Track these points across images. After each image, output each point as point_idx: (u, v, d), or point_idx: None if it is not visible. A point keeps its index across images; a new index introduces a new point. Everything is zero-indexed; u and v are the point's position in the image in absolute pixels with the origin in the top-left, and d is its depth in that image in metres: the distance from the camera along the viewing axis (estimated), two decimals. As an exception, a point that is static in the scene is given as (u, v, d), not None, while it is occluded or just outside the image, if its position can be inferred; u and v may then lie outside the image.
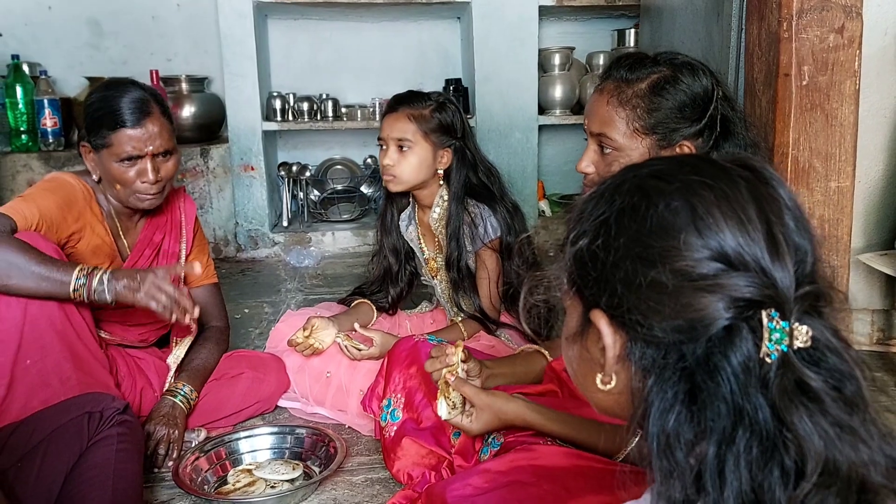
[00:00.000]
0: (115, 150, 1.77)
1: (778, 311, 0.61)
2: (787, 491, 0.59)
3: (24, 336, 1.58)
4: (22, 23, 3.90)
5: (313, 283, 3.41)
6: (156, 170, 1.80)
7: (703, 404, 0.62)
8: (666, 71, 1.35)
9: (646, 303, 0.65)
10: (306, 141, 4.33)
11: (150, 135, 1.77)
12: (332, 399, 2.01)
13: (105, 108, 1.77)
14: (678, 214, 0.65)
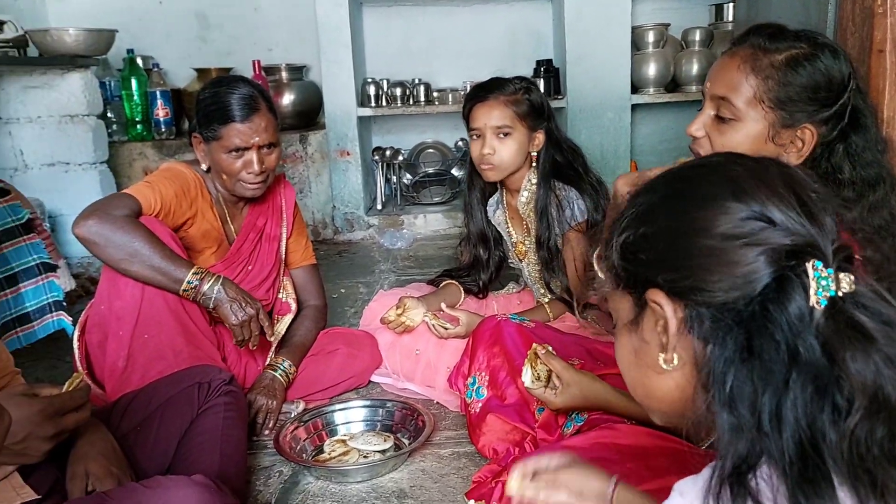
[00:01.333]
0: (224, 142, 1.90)
1: (821, 261, 0.66)
2: (838, 426, 0.63)
3: (142, 313, 1.74)
4: (136, 18, 4.15)
5: (405, 265, 3.51)
6: (261, 161, 1.92)
7: (759, 355, 0.66)
8: (806, 48, 1.27)
9: (699, 269, 0.70)
10: (399, 125, 4.43)
11: (256, 129, 1.89)
12: (421, 375, 2.09)
13: (216, 103, 1.90)
14: (718, 186, 0.72)
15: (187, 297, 1.78)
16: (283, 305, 2.14)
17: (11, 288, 2.05)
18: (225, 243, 2.04)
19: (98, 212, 1.71)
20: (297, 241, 2.21)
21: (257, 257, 2.09)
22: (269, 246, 2.11)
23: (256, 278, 2.07)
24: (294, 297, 2.17)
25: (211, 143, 1.92)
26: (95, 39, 3.23)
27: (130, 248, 1.70)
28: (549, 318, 2.11)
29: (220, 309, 1.79)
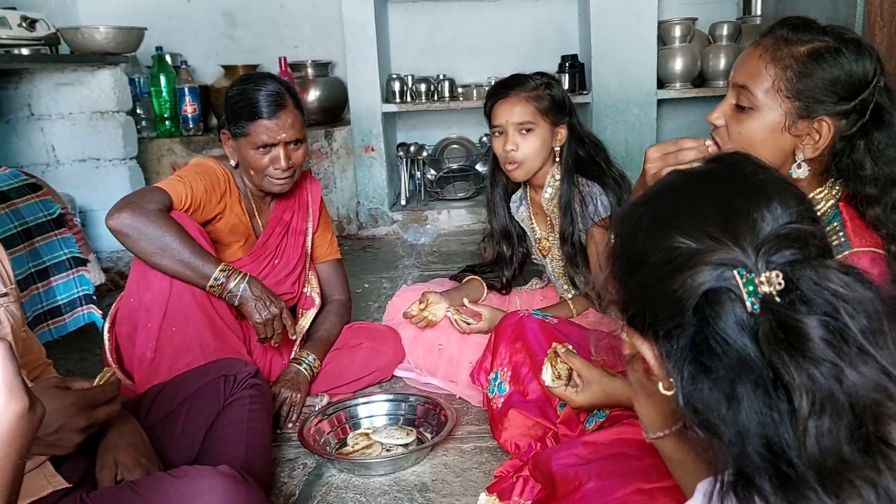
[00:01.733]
0: (252, 138, 1.92)
1: (744, 268, 0.69)
2: (792, 428, 0.64)
3: (170, 306, 1.78)
4: (165, 17, 4.21)
5: (429, 260, 3.53)
6: (287, 157, 1.94)
7: (711, 371, 0.68)
8: (831, 42, 1.26)
9: (643, 304, 0.75)
10: (424, 121, 4.44)
11: (283, 125, 1.92)
12: (444, 370, 2.11)
13: (244, 100, 1.93)
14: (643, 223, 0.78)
15: (213, 294, 1.81)
16: (308, 300, 2.16)
17: (43, 281, 2.09)
18: (252, 237, 2.07)
19: (132, 205, 1.75)
20: (323, 236, 2.23)
21: (283, 251, 2.11)
22: (294, 240, 2.14)
23: (282, 272, 2.10)
24: (318, 291, 2.19)
25: (239, 140, 1.95)
26: (125, 37, 3.27)
27: (161, 242, 1.73)
28: (572, 314, 2.11)
29: (244, 307, 1.81)
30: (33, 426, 0.68)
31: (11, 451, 0.66)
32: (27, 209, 2.09)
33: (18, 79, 3.19)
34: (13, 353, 0.67)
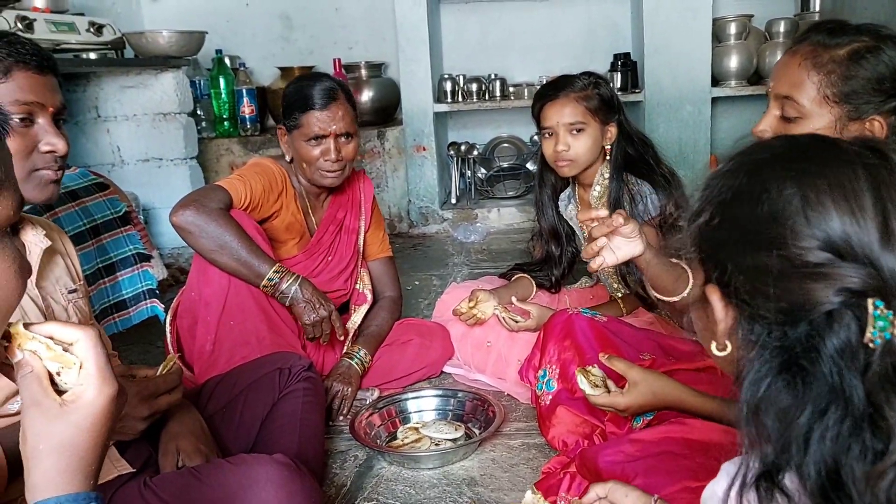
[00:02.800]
0: (304, 130, 1.99)
1: (883, 301, 0.62)
2: (864, 466, 0.61)
3: (228, 301, 1.85)
4: (224, 20, 4.32)
5: (479, 258, 3.56)
6: (338, 150, 2.00)
7: (799, 379, 0.65)
8: (868, 41, 1.26)
9: (753, 284, 0.68)
10: (475, 120, 4.47)
11: (334, 117, 1.98)
12: (493, 367, 2.13)
13: (299, 93, 2.01)
14: (790, 202, 0.67)
15: (266, 293, 1.87)
16: (360, 296, 2.21)
17: (109, 276, 2.19)
18: (307, 235, 2.13)
19: (195, 203, 1.82)
20: (375, 234, 2.28)
21: (336, 249, 2.17)
22: (347, 238, 2.19)
23: (335, 269, 2.15)
24: (370, 288, 2.24)
25: (293, 133, 2.02)
26: (187, 41, 3.38)
27: (221, 240, 1.80)
28: (621, 312, 2.11)
29: (295, 307, 1.88)
30: (120, 410, 0.71)
31: (103, 432, 0.69)
32: (95, 207, 2.19)
33: (86, 82, 3.33)
34: (103, 340, 0.71)
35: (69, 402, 0.67)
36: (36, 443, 0.66)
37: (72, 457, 0.66)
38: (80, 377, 0.68)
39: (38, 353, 0.68)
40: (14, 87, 1.17)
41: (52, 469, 0.65)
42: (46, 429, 0.66)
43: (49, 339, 0.69)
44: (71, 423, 0.67)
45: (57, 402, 0.67)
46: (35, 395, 0.67)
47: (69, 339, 0.69)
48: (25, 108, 1.18)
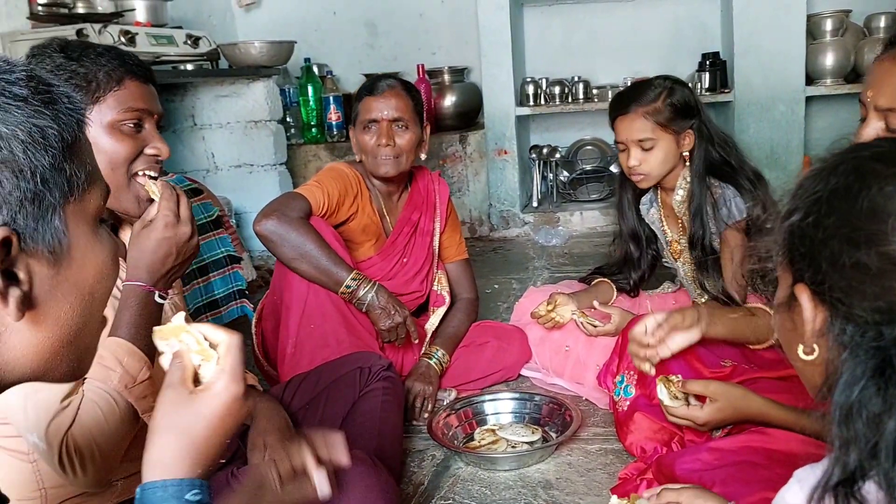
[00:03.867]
0: (360, 118, 2.07)
1: None
2: None
3: (308, 304, 1.92)
4: (313, 29, 4.46)
5: (559, 262, 3.54)
6: (390, 136, 2.04)
7: (892, 382, 0.63)
8: None
9: (849, 282, 0.67)
10: (557, 123, 4.45)
11: (387, 104, 2.04)
12: (571, 371, 2.12)
13: (361, 87, 2.12)
14: (891, 198, 0.66)
15: (344, 299, 1.93)
16: (438, 297, 2.25)
17: (203, 277, 2.30)
18: (383, 237, 2.18)
19: (276, 212, 1.90)
20: (451, 237, 2.31)
21: (411, 251, 2.21)
22: (422, 240, 2.23)
23: (411, 271, 2.20)
24: (448, 289, 2.27)
25: (356, 126, 2.09)
26: (277, 51, 3.51)
27: (302, 248, 1.87)
28: (703, 317, 2.06)
29: (370, 313, 1.94)
30: (242, 413, 0.76)
31: (221, 426, 0.74)
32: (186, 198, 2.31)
33: (184, 92, 3.51)
34: (242, 346, 0.78)
35: (198, 391, 0.74)
36: (160, 420, 0.72)
37: (186, 441, 0.71)
38: (214, 373, 0.75)
39: (189, 345, 0.76)
40: (127, 95, 1.25)
41: (167, 448, 0.71)
42: (172, 410, 0.73)
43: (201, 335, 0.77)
44: (193, 411, 0.72)
45: (188, 390, 0.74)
46: (174, 380, 0.74)
47: (216, 340, 0.77)
48: (136, 115, 1.26)
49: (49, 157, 0.59)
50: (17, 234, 0.57)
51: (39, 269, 0.60)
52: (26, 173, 0.57)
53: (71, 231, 0.62)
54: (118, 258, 0.70)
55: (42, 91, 0.60)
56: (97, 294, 0.66)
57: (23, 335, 0.61)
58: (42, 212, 0.59)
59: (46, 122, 0.59)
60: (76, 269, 0.63)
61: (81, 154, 0.63)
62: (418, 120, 2.10)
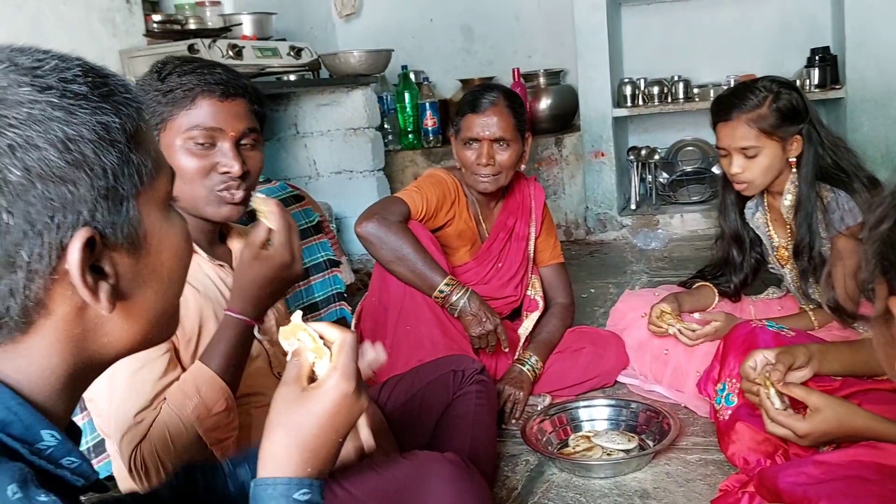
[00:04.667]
0: (462, 134, 2.08)
1: None
2: None
3: (404, 306, 1.97)
4: (409, 36, 4.53)
5: (659, 266, 3.45)
6: (490, 155, 2.04)
7: None
8: None
9: None
10: (656, 124, 4.35)
11: (489, 122, 2.04)
12: (670, 378, 2.07)
13: (464, 99, 2.12)
14: None
15: (437, 303, 1.96)
16: (532, 302, 2.25)
17: (304, 280, 2.39)
18: (478, 242, 2.20)
19: (377, 215, 1.95)
20: (546, 241, 2.30)
21: (507, 256, 2.21)
22: (517, 245, 2.23)
23: (506, 275, 2.20)
24: (542, 294, 2.26)
25: (457, 138, 2.11)
26: (375, 59, 3.59)
27: (399, 252, 1.92)
28: (812, 325, 1.97)
29: (462, 319, 1.96)
30: (354, 411, 0.77)
31: (331, 424, 0.75)
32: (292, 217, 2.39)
33: (287, 101, 3.64)
34: (357, 346, 0.79)
35: (310, 388, 0.75)
36: (273, 417, 0.74)
37: (297, 438, 0.73)
38: (327, 370, 0.77)
39: (305, 343, 0.78)
40: (199, 114, 1.27)
41: (278, 444, 0.73)
42: (285, 406, 0.74)
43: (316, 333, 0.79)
44: (304, 407, 0.74)
45: (301, 387, 0.75)
46: (289, 377, 0.76)
47: (330, 338, 0.79)
48: (207, 134, 1.28)
49: (116, 152, 0.60)
50: (98, 231, 0.60)
51: (122, 261, 0.63)
52: (97, 171, 0.59)
53: (144, 219, 0.64)
54: (190, 236, 0.72)
55: (99, 85, 0.61)
56: (175, 275, 0.69)
57: (116, 324, 0.64)
58: (116, 205, 0.61)
59: (109, 118, 0.60)
60: (154, 254, 0.65)
61: (145, 142, 0.65)
62: (520, 136, 2.10)
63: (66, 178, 0.57)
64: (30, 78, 0.58)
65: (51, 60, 0.60)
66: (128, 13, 3.12)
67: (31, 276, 0.57)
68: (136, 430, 1.17)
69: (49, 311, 0.60)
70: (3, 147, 0.55)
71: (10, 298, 0.57)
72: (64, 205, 0.57)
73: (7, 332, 0.59)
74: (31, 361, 0.61)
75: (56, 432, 0.61)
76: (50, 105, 0.57)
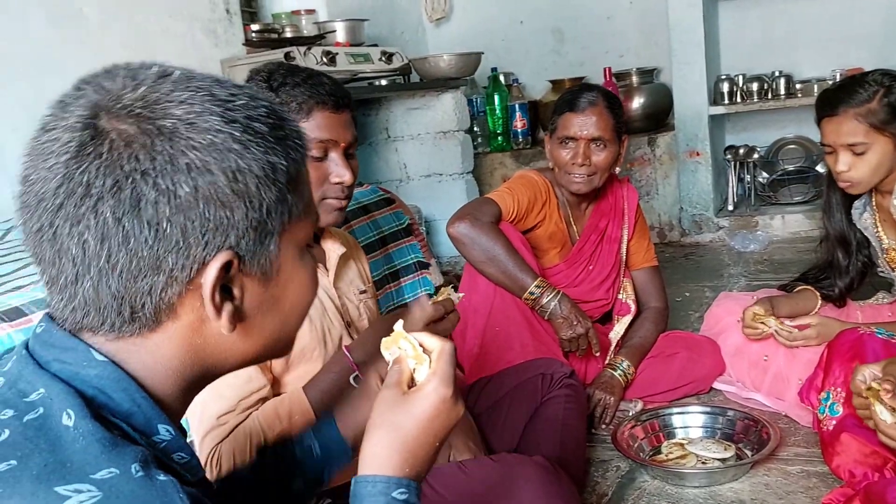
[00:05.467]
0: (559, 132, 2.05)
1: None
2: None
3: (494, 306, 1.96)
4: (499, 39, 4.53)
5: (758, 269, 3.33)
6: (586, 155, 2.02)
7: None
8: None
9: None
10: (755, 122, 4.19)
11: (587, 121, 2.01)
12: (769, 386, 1.99)
13: (562, 98, 2.10)
14: None
15: (527, 305, 1.95)
16: (623, 306, 2.21)
17: (394, 282, 2.43)
18: (569, 244, 2.17)
19: (469, 216, 1.96)
20: (639, 243, 2.26)
21: (598, 258, 2.18)
22: (609, 247, 2.20)
23: (597, 278, 2.17)
24: (634, 298, 2.22)
25: (552, 137, 2.09)
26: (465, 62, 3.61)
27: (490, 252, 1.92)
28: (924, 334, 1.85)
29: (552, 322, 1.94)
30: (452, 416, 0.79)
31: (430, 427, 0.77)
32: (383, 220, 2.45)
33: (378, 106, 3.71)
34: (454, 353, 0.82)
35: (411, 392, 0.78)
36: (375, 418, 0.77)
37: (397, 439, 0.75)
38: (427, 375, 0.80)
39: (406, 350, 0.82)
40: (313, 126, 1.30)
41: (379, 443, 0.75)
42: (387, 409, 0.77)
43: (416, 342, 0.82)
44: (404, 410, 0.77)
45: (401, 392, 0.78)
46: (391, 381, 0.80)
47: (430, 346, 0.82)
48: (321, 146, 1.32)
49: (276, 191, 0.65)
50: (238, 256, 0.64)
51: (251, 288, 0.67)
52: (255, 204, 0.64)
53: (282, 254, 0.68)
54: (317, 275, 0.76)
55: (277, 127, 0.66)
56: (296, 309, 0.74)
57: (234, 342, 0.69)
58: (262, 238, 0.65)
59: (278, 159, 0.65)
60: (281, 287, 0.70)
61: (301, 186, 0.69)
62: (617, 137, 2.07)
63: (227, 204, 0.62)
64: (221, 109, 0.63)
65: (243, 97, 0.65)
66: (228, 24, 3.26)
67: (171, 281, 0.62)
68: (219, 431, 1.22)
69: (177, 317, 0.64)
70: (181, 165, 0.60)
71: (147, 296, 0.62)
72: (217, 227, 0.62)
73: (139, 326, 0.64)
74: (155, 360, 0.65)
75: (171, 427, 0.65)
76: (231, 137, 0.62)
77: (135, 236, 0.60)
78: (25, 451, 0.56)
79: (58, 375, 0.61)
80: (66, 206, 0.60)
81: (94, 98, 0.62)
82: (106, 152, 0.59)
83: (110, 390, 0.62)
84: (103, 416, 0.60)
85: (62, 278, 0.62)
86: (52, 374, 0.62)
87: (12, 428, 0.58)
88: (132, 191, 0.59)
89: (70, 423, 0.58)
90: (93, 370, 0.62)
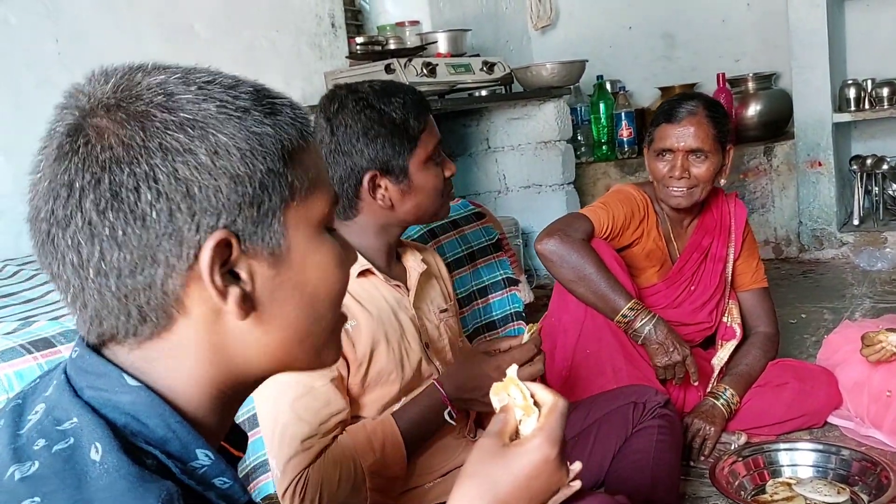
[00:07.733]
0: (655, 144, 1.95)
1: None
2: None
3: (584, 328, 1.87)
4: (606, 46, 4.40)
5: (885, 290, 3.06)
6: (684, 167, 1.89)
7: None
8: None
9: None
10: (886, 130, 3.87)
11: (684, 132, 1.89)
12: (892, 423, 1.81)
13: (660, 109, 1.99)
14: None
15: (620, 327, 1.84)
16: (728, 330, 2.06)
17: (482, 298, 2.38)
18: (668, 263, 2.05)
19: (559, 232, 1.87)
20: (747, 263, 2.10)
21: (700, 278, 2.05)
22: (713, 267, 2.06)
23: (699, 300, 2.03)
24: (739, 322, 2.07)
25: (650, 149, 1.98)
26: (568, 70, 3.52)
27: (581, 271, 1.83)
28: None
29: (647, 347, 1.83)
30: (553, 480, 0.72)
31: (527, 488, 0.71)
32: (472, 235, 2.40)
33: (479, 117, 3.67)
34: (567, 411, 0.76)
35: (513, 445, 0.73)
36: (469, 466, 0.73)
37: (489, 492, 0.70)
38: (533, 430, 0.74)
39: (515, 399, 0.77)
40: (431, 131, 1.37)
41: (469, 494, 0.70)
42: (484, 458, 0.72)
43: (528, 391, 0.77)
44: (502, 463, 0.71)
45: (502, 443, 0.73)
46: (493, 430, 0.75)
47: (542, 399, 0.76)
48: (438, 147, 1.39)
49: (267, 163, 0.62)
50: (236, 236, 0.61)
51: (260, 270, 0.63)
52: (244, 179, 0.60)
53: (290, 234, 0.64)
54: (346, 264, 0.71)
55: (265, 103, 0.63)
56: (322, 295, 0.68)
57: (254, 335, 0.64)
58: (261, 215, 0.62)
59: (265, 130, 0.62)
60: (296, 271, 0.65)
61: (305, 161, 0.65)
62: (720, 147, 1.93)
63: (212, 181, 0.59)
64: (196, 87, 0.61)
65: (223, 78, 0.63)
66: (333, 37, 3.32)
67: (170, 271, 0.60)
68: (304, 456, 1.21)
69: (187, 310, 0.61)
70: (155, 147, 0.58)
71: (150, 291, 0.60)
72: (206, 206, 0.59)
73: (151, 326, 0.62)
74: (178, 364, 0.63)
75: (211, 452, 0.62)
76: (208, 113, 0.60)
77: (122, 228, 0.58)
78: (51, 488, 0.55)
79: (90, 403, 0.60)
80: (56, 210, 0.59)
81: (73, 103, 0.61)
82: (82, 147, 0.59)
83: (144, 416, 0.60)
84: (136, 445, 0.59)
85: (71, 289, 0.62)
86: (85, 401, 0.60)
87: (42, 460, 0.57)
88: (110, 181, 0.58)
89: (97, 458, 0.56)
90: (126, 396, 0.61)
